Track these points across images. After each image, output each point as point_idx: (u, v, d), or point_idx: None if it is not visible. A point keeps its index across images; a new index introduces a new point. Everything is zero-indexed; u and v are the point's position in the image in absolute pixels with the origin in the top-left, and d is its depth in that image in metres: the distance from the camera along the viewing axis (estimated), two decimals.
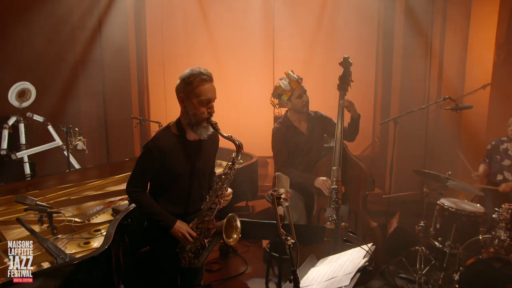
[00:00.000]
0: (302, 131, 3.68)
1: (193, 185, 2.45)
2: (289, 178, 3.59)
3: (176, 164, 2.37)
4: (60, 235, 2.73)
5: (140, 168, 2.40)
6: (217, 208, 2.43)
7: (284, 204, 2.04)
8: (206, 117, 2.33)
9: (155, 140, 2.37)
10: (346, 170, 3.39)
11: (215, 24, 6.27)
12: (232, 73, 6.23)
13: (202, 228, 2.42)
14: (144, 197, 2.40)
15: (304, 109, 3.61)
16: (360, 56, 6.18)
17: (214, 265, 4.27)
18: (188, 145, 2.41)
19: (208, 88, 2.31)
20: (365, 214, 3.42)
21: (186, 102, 2.33)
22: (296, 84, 3.58)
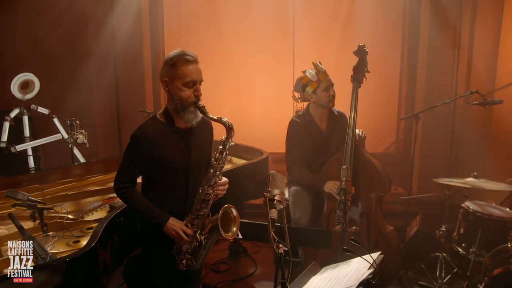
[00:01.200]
0: (322, 129, 3.45)
1: (187, 178, 2.26)
2: (297, 178, 3.44)
3: (166, 154, 2.19)
4: (51, 233, 2.61)
5: (127, 160, 2.22)
6: (212, 199, 2.22)
7: (278, 206, 1.84)
8: (193, 101, 2.16)
9: (141, 129, 2.20)
10: (358, 169, 3.15)
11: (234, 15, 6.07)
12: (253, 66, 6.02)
13: (198, 224, 2.22)
14: (133, 193, 2.22)
15: (330, 104, 3.37)
16: (385, 48, 5.88)
17: (222, 265, 4.11)
18: (177, 134, 2.23)
19: (193, 69, 2.14)
20: (378, 218, 3.16)
21: (170, 86, 2.16)
22: (324, 76, 3.35)
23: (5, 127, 3.34)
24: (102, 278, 2.32)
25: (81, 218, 2.78)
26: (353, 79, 3.30)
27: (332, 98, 3.36)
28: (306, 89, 3.38)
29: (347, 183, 2.61)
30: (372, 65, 5.79)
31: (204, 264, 3.98)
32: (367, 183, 3.16)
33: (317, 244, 2.71)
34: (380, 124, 5.97)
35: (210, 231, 2.23)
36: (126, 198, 2.23)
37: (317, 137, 3.41)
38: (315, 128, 3.42)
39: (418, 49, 5.40)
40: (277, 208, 1.83)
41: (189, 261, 2.25)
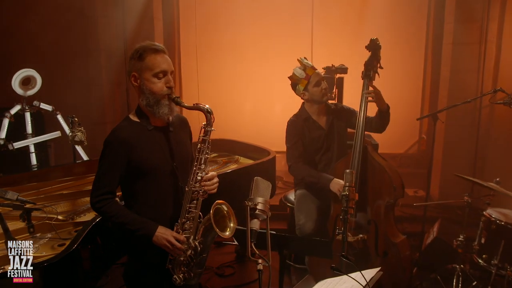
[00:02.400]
0: (321, 125, 3.26)
1: (172, 181, 2.08)
2: (301, 175, 3.23)
3: (146, 156, 2.01)
4: (38, 234, 2.51)
5: (104, 169, 2.00)
6: (201, 197, 2.03)
7: (260, 217, 1.66)
8: (166, 93, 1.99)
9: (114, 132, 2.02)
10: (366, 173, 2.93)
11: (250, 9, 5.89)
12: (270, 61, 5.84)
13: (190, 228, 2.03)
14: (114, 205, 2.00)
15: (324, 98, 3.19)
16: (408, 43, 5.60)
17: (227, 269, 3.96)
18: (154, 132, 2.06)
19: (161, 59, 1.98)
20: (388, 226, 2.93)
21: (140, 80, 1.99)
22: (312, 70, 3.16)
23: (4, 124, 3.28)
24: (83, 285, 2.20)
25: (71, 220, 2.67)
26: (364, 75, 3.07)
27: (325, 92, 3.18)
28: (297, 88, 3.21)
29: (350, 189, 2.39)
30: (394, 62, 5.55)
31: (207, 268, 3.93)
32: (376, 188, 2.94)
33: (316, 253, 2.52)
34: (402, 124, 5.66)
35: (204, 234, 2.05)
36: (106, 212, 1.99)
37: (317, 133, 3.23)
38: (314, 124, 3.24)
39: (442, 44, 5.07)
40: (260, 218, 1.66)
41: (186, 274, 2.04)
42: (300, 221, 3.07)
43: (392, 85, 5.65)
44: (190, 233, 2.04)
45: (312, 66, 3.20)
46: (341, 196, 2.38)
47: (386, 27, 5.42)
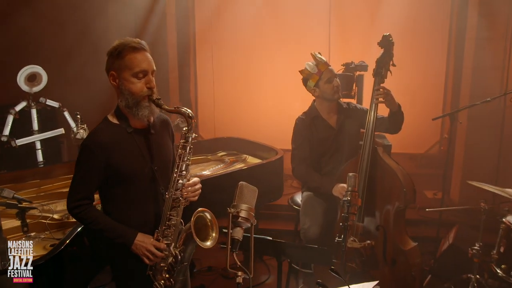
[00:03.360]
0: (331, 124, 3.12)
1: (153, 186, 1.99)
2: (304, 179, 3.10)
3: (125, 160, 1.91)
4: (33, 233, 2.47)
5: (81, 174, 1.91)
6: (182, 204, 1.94)
7: (244, 225, 1.55)
8: (146, 94, 1.88)
9: (91, 136, 1.93)
10: (375, 176, 2.78)
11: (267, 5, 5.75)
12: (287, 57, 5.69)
13: (172, 235, 1.94)
14: (91, 212, 1.92)
15: (335, 96, 3.05)
16: (430, 38, 5.35)
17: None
18: (134, 135, 1.95)
19: (142, 57, 1.87)
20: (397, 232, 2.77)
21: (118, 80, 1.88)
22: (325, 66, 3.02)
23: (9, 120, 3.28)
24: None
25: (66, 219, 2.62)
26: (375, 73, 2.91)
27: (337, 89, 3.03)
28: (307, 83, 3.08)
29: (352, 193, 2.25)
30: (415, 58, 5.32)
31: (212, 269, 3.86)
32: (385, 192, 2.79)
33: (316, 261, 2.40)
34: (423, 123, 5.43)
35: (186, 242, 1.97)
36: (83, 218, 1.92)
37: (326, 134, 3.08)
38: (323, 123, 3.10)
39: (464, 40, 4.82)
40: (243, 226, 1.55)
41: (167, 281, 1.96)
42: (305, 225, 2.95)
43: (413, 82, 5.44)
44: (171, 240, 1.95)
45: (325, 62, 3.06)
46: (342, 201, 2.24)
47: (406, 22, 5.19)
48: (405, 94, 5.13)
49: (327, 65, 3.04)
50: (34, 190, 3.04)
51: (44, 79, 3.49)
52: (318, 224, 2.91)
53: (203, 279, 3.78)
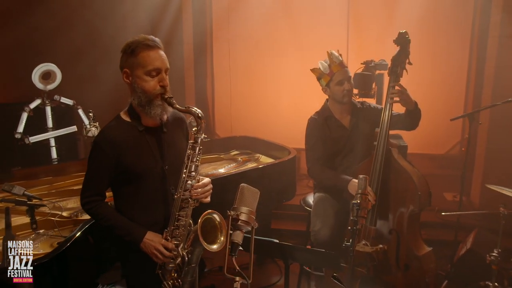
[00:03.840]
0: (344, 124, 3.05)
1: (164, 185, 1.98)
2: (319, 178, 3.03)
3: (136, 158, 1.91)
4: (42, 231, 2.48)
5: (92, 170, 1.95)
6: (191, 205, 1.92)
7: (244, 228, 1.50)
8: (159, 92, 1.87)
9: (102, 133, 1.94)
10: (389, 178, 2.70)
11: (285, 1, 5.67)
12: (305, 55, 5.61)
13: (181, 236, 1.92)
14: (102, 208, 1.95)
15: (345, 99, 2.97)
16: (452, 35, 5.19)
17: (245, 271, 3.80)
18: (145, 133, 1.95)
19: (155, 55, 1.86)
20: (411, 237, 2.68)
21: (132, 78, 1.88)
22: (338, 67, 2.94)
23: (23, 118, 3.32)
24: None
25: (75, 217, 2.63)
26: (390, 72, 2.81)
27: (347, 93, 2.95)
28: (320, 82, 3.02)
29: (362, 196, 2.18)
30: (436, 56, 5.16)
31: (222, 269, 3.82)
32: (399, 195, 2.70)
33: (324, 265, 2.34)
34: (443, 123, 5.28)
35: (194, 244, 1.94)
36: (94, 214, 1.97)
37: (339, 134, 3.01)
38: (336, 123, 3.03)
39: (487, 38, 4.64)
40: (243, 230, 1.50)
41: (175, 281, 1.95)
42: (315, 227, 2.88)
43: (433, 81, 5.28)
44: (180, 240, 1.93)
45: (340, 62, 2.96)
46: (352, 204, 2.17)
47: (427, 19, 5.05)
48: (425, 93, 5.00)
49: (341, 67, 2.95)
50: (46, 187, 3.07)
51: (58, 77, 3.52)
52: (329, 226, 2.84)
53: (214, 279, 3.75)
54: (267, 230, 3.95)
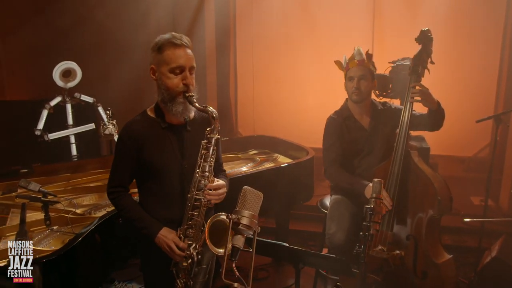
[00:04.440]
0: (364, 125, 2.96)
1: (182, 183, 1.99)
2: (335, 180, 2.95)
3: (155, 154, 1.94)
4: (55, 227, 2.51)
5: (115, 162, 2.02)
6: (204, 206, 1.90)
7: (245, 233, 1.45)
8: (182, 90, 1.88)
9: (126, 126, 1.99)
10: (408, 181, 2.60)
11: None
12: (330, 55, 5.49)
13: (194, 236, 1.92)
14: (123, 199, 2.02)
15: (353, 97, 2.90)
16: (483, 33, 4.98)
17: (261, 272, 3.78)
18: (169, 130, 1.97)
19: (181, 53, 1.88)
20: (430, 243, 2.56)
21: (157, 74, 1.91)
22: (354, 64, 2.87)
23: (43, 115, 3.38)
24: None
25: (88, 214, 2.65)
26: (411, 71, 2.71)
27: (356, 91, 2.86)
28: None
29: (376, 201, 2.10)
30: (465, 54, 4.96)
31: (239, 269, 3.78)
32: (417, 199, 2.59)
33: (334, 270, 2.27)
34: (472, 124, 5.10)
35: (205, 245, 1.91)
36: (116, 205, 2.06)
37: (358, 135, 2.92)
38: (355, 124, 2.94)
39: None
40: (245, 234, 1.45)
41: (188, 281, 1.94)
42: (330, 230, 2.80)
43: (461, 80, 5.09)
44: (192, 240, 1.92)
45: (359, 60, 2.87)
46: (365, 208, 2.09)
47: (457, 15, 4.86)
48: (452, 93, 4.82)
49: (357, 64, 2.87)
50: (63, 184, 3.11)
51: (78, 74, 3.57)
52: (345, 230, 2.75)
53: (230, 279, 3.72)
54: (285, 231, 3.90)
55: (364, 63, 2.89)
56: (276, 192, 3.29)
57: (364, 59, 2.88)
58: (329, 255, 2.02)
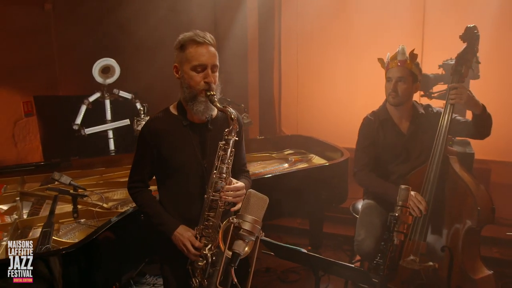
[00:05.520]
0: (402, 130, 2.76)
1: (200, 181, 1.96)
2: (365, 185, 2.80)
3: (174, 151, 1.94)
4: (83, 220, 2.57)
5: (136, 158, 2.04)
6: (220, 207, 1.87)
7: (246, 238, 1.39)
8: (203, 88, 1.85)
9: (148, 122, 2.00)
10: (445, 189, 2.43)
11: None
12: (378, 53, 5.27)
13: (210, 236, 1.89)
14: (142, 194, 2.04)
15: (390, 99, 2.71)
16: None
17: (292, 275, 3.71)
18: (190, 128, 1.95)
19: (202, 51, 1.85)
20: (467, 257, 2.37)
21: (180, 72, 1.91)
22: (394, 64, 2.68)
23: (82, 110, 3.48)
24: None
25: (115, 209, 2.69)
26: (454, 71, 2.50)
27: (393, 94, 2.65)
28: None
29: (403, 209, 1.95)
30: None
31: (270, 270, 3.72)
32: (455, 209, 2.40)
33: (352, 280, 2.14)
34: None
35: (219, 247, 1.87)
36: (135, 200, 2.08)
37: (395, 139, 2.73)
38: (393, 128, 2.75)
39: None
40: (246, 240, 1.38)
41: (203, 281, 1.93)
42: (359, 236, 2.66)
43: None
44: (209, 240, 1.90)
45: (401, 60, 2.67)
46: (389, 217, 1.96)
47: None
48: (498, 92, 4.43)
49: (398, 64, 2.68)
50: (96, 178, 3.19)
51: (117, 71, 3.65)
52: (374, 237, 2.60)
53: (259, 280, 3.68)
54: (319, 234, 3.79)
55: (406, 64, 2.69)
56: (306, 194, 3.21)
57: (407, 59, 2.68)
58: (347, 264, 1.89)
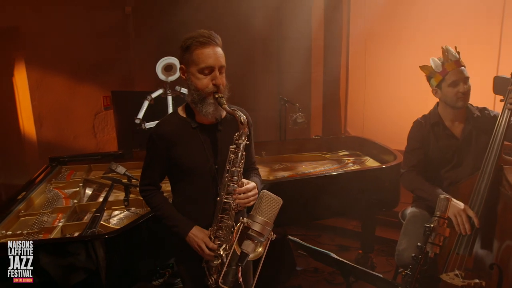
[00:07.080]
0: (455, 134, 2.62)
1: (211, 182, 1.96)
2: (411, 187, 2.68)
3: (184, 154, 1.92)
4: (133, 208, 2.75)
5: (146, 161, 2.02)
6: (233, 209, 1.85)
7: (256, 239, 1.41)
8: (211, 91, 1.84)
9: (156, 126, 1.99)
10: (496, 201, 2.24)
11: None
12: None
13: (224, 237, 1.88)
14: (155, 197, 2.02)
15: (458, 104, 2.53)
16: None
17: (339, 277, 3.65)
18: (198, 131, 1.93)
19: (208, 52, 1.82)
20: None
21: (187, 74, 1.90)
22: (453, 66, 2.52)
23: (144, 105, 3.65)
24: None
25: None
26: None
27: (462, 96, 2.49)
28: (430, 82, 2.63)
29: (440, 220, 1.85)
30: None
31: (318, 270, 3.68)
32: (507, 224, 2.21)
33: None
34: None
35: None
36: (148, 202, 2.04)
37: (447, 143, 2.58)
38: (445, 131, 2.60)
39: None
40: (255, 240, 1.40)
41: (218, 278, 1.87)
42: (400, 246, 2.54)
43: None
44: (223, 241, 1.89)
45: (456, 60, 2.53)
46: (424, 228, 1.87)
47: None
48: None
49: (457, 65, 2.52)
50: None
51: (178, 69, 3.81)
52: (413, 246, 2.46)
53: (306, 279, 3.69)
54: (371, 237, 3.71)
55: (462, 63, 2.56)
56: (356, 196, 3.15)
57: (459, 58, 2.54)
58: (373, 273, 1.84)
